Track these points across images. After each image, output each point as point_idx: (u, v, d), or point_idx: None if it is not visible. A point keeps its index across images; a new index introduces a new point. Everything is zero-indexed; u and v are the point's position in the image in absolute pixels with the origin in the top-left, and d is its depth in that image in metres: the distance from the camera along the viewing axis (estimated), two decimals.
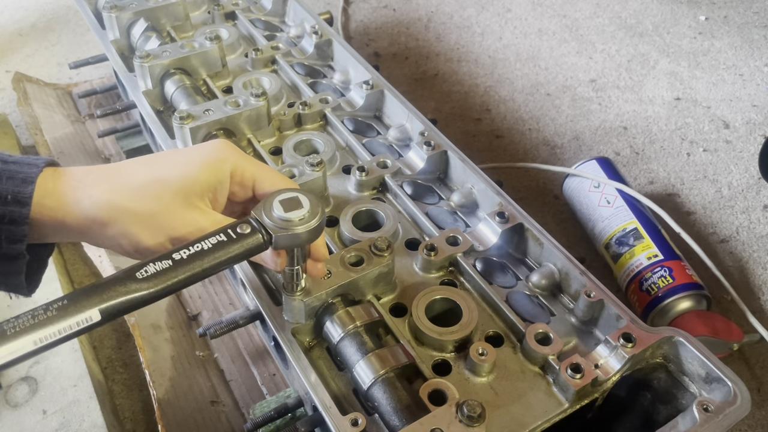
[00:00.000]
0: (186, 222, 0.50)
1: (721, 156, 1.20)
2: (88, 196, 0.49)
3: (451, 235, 0.71)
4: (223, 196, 0.54)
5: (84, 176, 0.50)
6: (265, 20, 1.11)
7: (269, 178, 0.55)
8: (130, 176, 0.51)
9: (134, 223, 0.49)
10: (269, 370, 0.82)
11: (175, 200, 0.50)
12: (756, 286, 0.98)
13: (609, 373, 0.58)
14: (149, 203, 0.49)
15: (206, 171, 0.52)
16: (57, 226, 0.49)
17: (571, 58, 1.43)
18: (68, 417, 0.74)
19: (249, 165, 0.54)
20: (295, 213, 0.51)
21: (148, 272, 0.45)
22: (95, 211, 0.48)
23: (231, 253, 0.48)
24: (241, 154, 0.55)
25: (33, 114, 1.14)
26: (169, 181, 0.50)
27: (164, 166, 0.52)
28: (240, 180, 0.54)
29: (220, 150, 0.54)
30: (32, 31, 1.51)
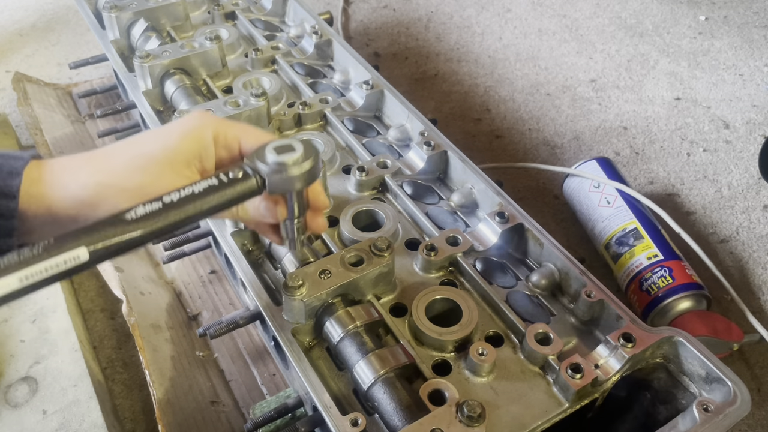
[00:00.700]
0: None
1: (721, 156, 1.20)
2: (74, 180, 0.49)
3: (451, 235, 0.71)
4: (210, 163, 0.53)
5: (68, 162, 0.50)
6: (265, 20, 1.11)
7: (253, 134, 0.55)
8: (114, 156, 0.51)
9: (124, 199, 0.48)
10: (269, 370, 0.82)
11: (163, 171, 0.50)
12: (756, 286, 0.98)
13: (609, 373, 0.58)
14: (136, 177, 0.49)
15: (187, 140, 0.52)
16: (46, 215, 0.48)
17: (571, 58, 1.43)
18: (68, 417, 0.74)
19: (231, 127, 0.54)
20: (288, 155, 0.50)
21: (137, 214, 0.45)
22: (83, 193, 0.48)
23: (223, 197, 0.48)
24: (221, 120, 0.55)
25: (33, 114, 1.14)
26: (152, 153, 0.51)
27: (146, 141, 0.52)
28: (224, 143, 0.54)
29: (198, 118, 0.54)
30: (32, 31, 1.51)
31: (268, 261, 0.74)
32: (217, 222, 0.73)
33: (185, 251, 0.83)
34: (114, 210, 0.47)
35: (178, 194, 0.46)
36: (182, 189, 0.47)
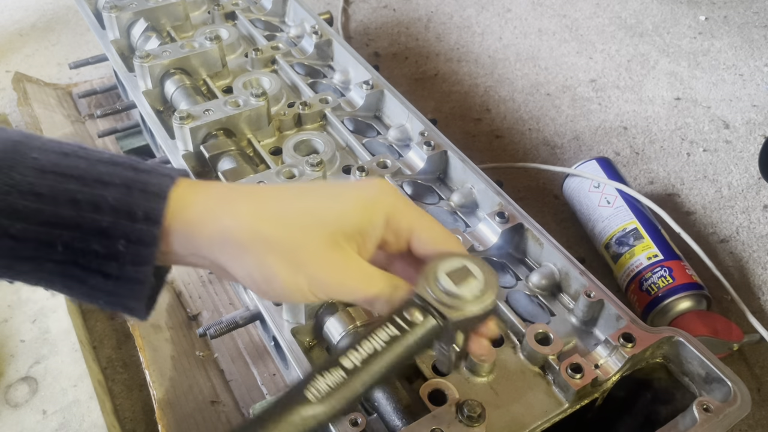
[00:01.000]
0: (328, 263, 0.43)
1: (721, 156, 1.20)
2: (230, 213, 0.42)
3: None
4: (372, 243, 0.46)
5: (227, 192, 0.44)
6: (265, 20, 1.11)
7: (428, 230, 0.47)
8: (278, 202, 0.44)
9: (274, 254, 0.42)
10: (269, 370, 0.82)
11: (322, 236, 0.43)
12: (756, 286, 0.98)
13: (609, 373, 0.58)
14: (294, 234, 0.43)
15: (360, 211, 0.45)
16: (186, 244, 0.42)
17: (571, 58, 1.43)
18: (68, 417, 0.74)
19: (407, 214, 0.46)
20: (468, 287, 0.43)
21: (321, 391, 0.38)
22: (235, 232, 0.42)
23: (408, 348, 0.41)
24: (401, 198, 0.47)
25: (33, 114, 1.14)
26: (318, 214, 0.44)
27: (315, 197, 0.45)
28: (395, 228, 0.46)
29: (379, 190, 0.46)
30: (32, 31, 1.51)
31: None
32: None
33: None
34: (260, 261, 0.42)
35: (359, 356, 0.40)
36: (360, 348, 0.40)
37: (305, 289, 0.43)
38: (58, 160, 0.40)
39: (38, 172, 0.39)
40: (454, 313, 0.42)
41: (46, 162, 0.39)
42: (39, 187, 0.38)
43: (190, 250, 0.42)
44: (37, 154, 0.39)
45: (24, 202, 0.38)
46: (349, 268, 0.44)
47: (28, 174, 0.38)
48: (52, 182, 0.39)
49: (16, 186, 0.38)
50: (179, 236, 0.42)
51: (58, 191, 0.39)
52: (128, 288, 0.41)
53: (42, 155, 0.39)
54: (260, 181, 0.72)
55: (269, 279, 0.42)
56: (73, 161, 0.40)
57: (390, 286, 0.45)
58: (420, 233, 0.46)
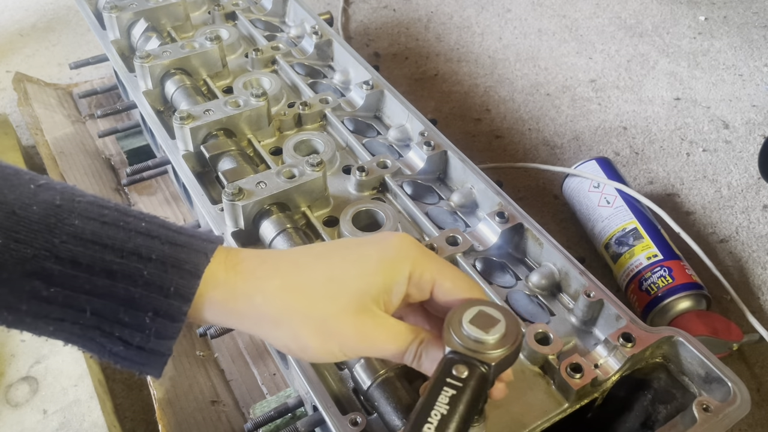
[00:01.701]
0: (356, 329, 0.45)
1: (720, 156, 1.20)
2: (261, 292, 0.44)
3: (450, 235, 0.71)
4: (397, 299, 0.48)
5: (256, 267, 0.46)
6: (265, 20, 1.11)
7: (451, 279, 0.48)
8: (305, 273, 0.46)
9: (305, 327, 0.45)
10: (269, 369, 0.83)
11: (350, 303, 0.45)
12: (755, 285, 0.98)
13: (609, 373, 0.58)
14: (323, 306, 0.45)
15: (384, 272, 0.46)
16: (218, 316, 0.44)
17: (570, 58, 1.44)
18: (69, 417, 0.74)
19: (428, 267, 0.48)
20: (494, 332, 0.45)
21: None
22: (267, 310, 0.44)
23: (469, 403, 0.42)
24: (422, 251, 0.48)
25: (33, 114, 1.14)
26: (345, 281, 0.46)
27: (340, 263, 0.47)
28: (418, 282, 0.48)
29: (400, 249, 0.48)
30: (33, 31, 1.51)
31: None
32: (218, 221, 0.73)
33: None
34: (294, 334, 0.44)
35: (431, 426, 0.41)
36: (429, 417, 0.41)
37: (337, 353, 0.45)
38: (97, 228, 0.40)
39: (77, 240, 0.40)
40: (490, 357, 0.44)
41: (86, 230, 0.40)
42: (77, 255, 0.39)
43: (219, 322, 0.45)
44: (77, 221, 0.40)
45: (60, 267, 0.39)
46: (377, 329, 0.46)
47: (67, 241, 0.39)
48: (91, 251, 0.40)
49: (53, 251, 0.39)
50: (210, 312, 0.44)
51: (95, 260, 0.40)
52: (148, 358, 0.43)
53: (82, 222, 0.40)
54: (260, 182, 0.72)
55: (304, 348, 0.45)
56: (112, 231, 0.41)
57: (415, 338, 0.47)
58: (443, 283, 0.48)
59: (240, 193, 0.70)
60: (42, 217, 0.39)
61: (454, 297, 0.48)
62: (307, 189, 0.74)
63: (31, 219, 0.39)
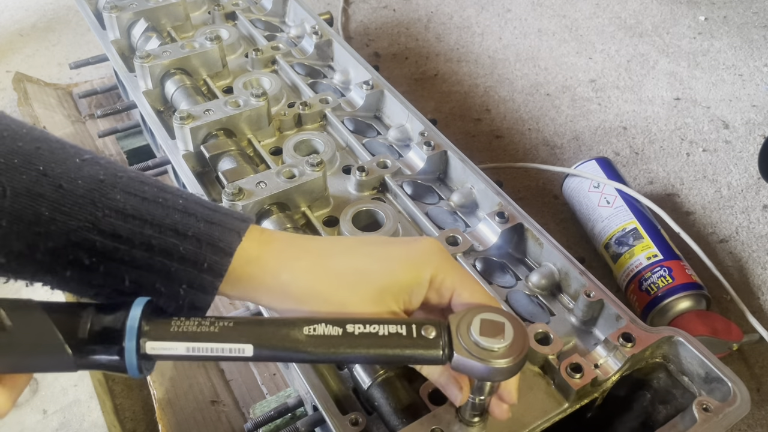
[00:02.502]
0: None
1: (720, 156, 1.20)
2: (289, 270, 0.46)
3: (450, 235, 0.71)
4: (417, 300, 0.49)
5: (286, 247, 0.48)
6: (265, 20, 1.11)
7: (470, 290, 0.49)
8: (332, 260, 0.48)
9: (325, 308, 0.46)
10: (269, 369, 0.83)
11: (370, 295, 0.47)
12: (755, 285, 0.98)
13: (609, 373, 0.58)
14: (345, 293, 0.47)
15: (407, 271, 0.48)
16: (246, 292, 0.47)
17: (570, 58, 1.44)
18: (68, 417, 0.74)
19: (450, 273, 0.49)
20: (496, 342, 0.44)
21: (315, 331, 0.42)
22: (293, 287, 0.46)
23: (401, 352, 0.43)
24: (446, 258, 0.50)
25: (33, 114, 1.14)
26: (368, 273, 0.47)
27: (366, 256, 0.49)
28: (438, 287, 0.49)
29: (426, 252, 0.49)
30: (33, 31, 1.51)
31: None
32: None
33: None
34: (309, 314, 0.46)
35: (362, 328, 0.43)
36: (369, 324, 0.43)
37: None
38: (137, 204, 0.43)
39: (119, 214, 0.42)
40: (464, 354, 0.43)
41: (127, 205, 0.42)
42: (119, 228, 0.41)
43: (248, 296, 0.47)
44: (119, 196, 0.42)
45: (102, 239, 0.41)
46: None
47: (109, 214, 0.41)
48: (132, 226, 0.42)
49: (96, 224, 0.41)
50: (240, 286, 0.46)
51: (135, 234, 0.42)
52: None
53: (124, 197, 0.42)
54: (260, 182, 0.72)
55: None
56: (152, 207, 0.43)
57: None
58: (462, 292, 0.49)
59: (240, 193, 0.70)
60: (86, 192, 0.41)
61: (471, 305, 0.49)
62: (307, 189, 0.74)
63: (76, 193, 0.40)
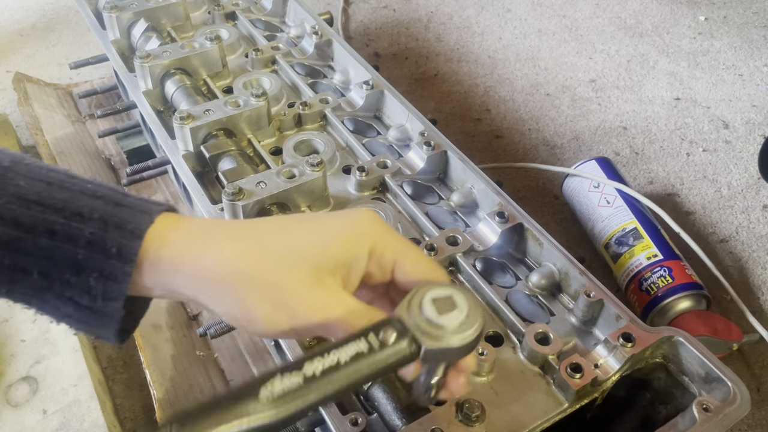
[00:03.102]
0: (311, 302, 0.42)
1: (720, 156, 1.20)
2: (211, 252, 0.42)
3: (450, 235, 0.71)
4: (356, 276, 0.45)
5: (209, 228, 0.44)
6: (265, 20, 1.11)
7: (412, 260, 0.46)
8: (261, 238, 0.44)
9: (254, 293, 0.42)
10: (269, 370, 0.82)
11: (305, 273, 0.42)
12: (755, 285, 0.98)
13: (609, 373, 0.58)
14: (276, 272, 0.42)
15: (343, 243, 0.44)
16: (166, 280, 0.42)
17: (570, 58, 1.44)
18: (68, 417, 0.74)
19: (391, 244, 0.45)
20: (450, 318, 0.41)
21: (274, 392, 0.37)
22: (216, 271, 0.41)
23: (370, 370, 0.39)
24: (385, 229, 0.46)
25: (33, 114, 1.14)
26: (300, 249, 0.43)
27: (298, 231, 0.45)
28: (378, 260, 0.45)
29: (363, 222, 0.45)
30: (33, 31, 1.51)
31: None
32: None
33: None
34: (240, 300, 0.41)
35: (321, 365, 0.38)
36: (326, 354, 0.39)
37: (285, 326, 0.42)
38: (41, 189, 0.40)
39: (21, 200, 0.40)
40: (430, 342, 0.40)
41: (30, 191, 0.40)
42: (21, 216, 0.39)
43: (168, 288, 0.42)
44: (23, 182, 0.40)
45: (4, 228, 0.39)
46: (332, 303, 0.43)
47: (11, 201, 0.39)
48: (34, 212, 0.40)
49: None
50: (157, 275, 0.41)
51: (37, 221, 0.39)
52: (98, 320, 0.42)
53: (27, 183, 0.40)
54: (260, 182, 0.72)
55: (249, 317, 0.42)
56: (56, 192, 0.41)
57: (372, 318, 0.43)
58: (404, 264, 0.46)
59: (240, 193, 0.70)
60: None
61: (415, 278, 0.45)
62: (307, 189, 0.74)
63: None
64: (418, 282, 0.45)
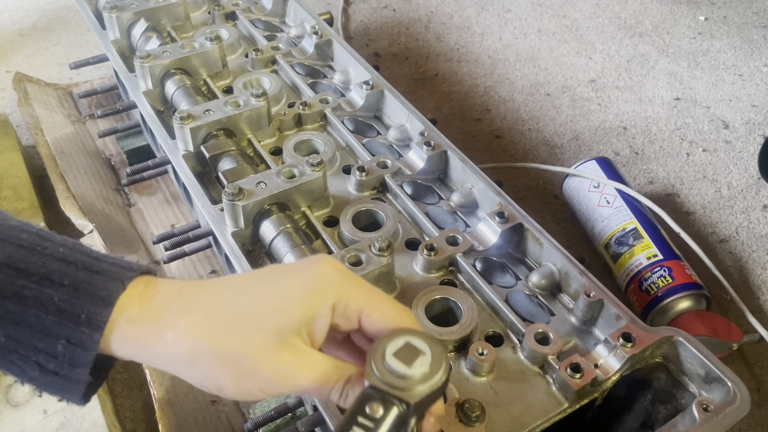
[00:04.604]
0: (277, 367, 0.42)
1: (720, 156, 1.20)
2: (172, 329, 0.42)
3: (450, 235, 0.71)
4: (322, 331, 0.44)
5: (171, 301, 0.43)
6: (265, 20, 1.11)
7: (379, 309, 0.45)
8: (223, 308, 0.43)
9: (219, 367, 0.42)
10: None
11: (268, 341, 0.42)
12: (755, 285, 0.98)
13: (609, 373, 0.58)
14: (238, 344, 0.42)
15: (305, 305, 0.43)
16: (133, 353, 0.42)
17: (570, 58, 1.44)
18: (69, 417, 0.74)
19: (354, 296, 0.45)
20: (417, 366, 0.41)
21: None
22: (178, 348, 0.42)
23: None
24: (347, 279, 0.45)
25: (33, 114, 1.14)
26: (262, 317, 0.43)
27: (259, 298, 0.44)
28: (343, 312, 0.45)
29: (323, 277, 0.45)
30: (33, 31, 1.51)
31: (269, 261, 0.75)
32: (218, 221, 0.73)
33: (186, 251, 0.82)
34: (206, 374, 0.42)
35: None
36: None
37: (256, 392, 0.43)
38: (12, 252, 0.40)
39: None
40: (411, 395, 0.40)
41: (0, 254, 0.40)
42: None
43: (138, 358, 0.43)
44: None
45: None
46: (298, 366, 0.43)
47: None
48: (3, 275, 0.40)
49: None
50: (125, 346, 0.42)
51: (6, 284, 0.39)
52: (64, 384, 0.42)
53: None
54: (260, 182, 0.72)
55: (219, 388, 0.43)
56: (27, 255, 0.41)
57: (342, 375, 0.44)
58: (370, 313, 0.45)
59: (240, 193, 0.70)
60: None
61: (384, 326, 0.45)
62: (307, 189, 0.74)
63: None
64: (387, 329, 0.44)
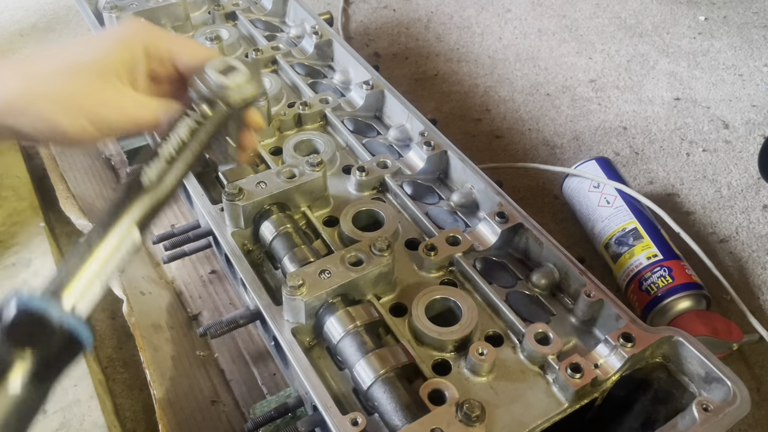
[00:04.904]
0: (105, 101, 0.49)
1: (720, 156, 1.20)
2: (0, 82, 0.47)
3: (451, 235, 0.71)
4: (141, 76, 0.53)
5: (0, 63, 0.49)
6: (265, 20, 1.11)
7: (187, 49, 0.54)
8: (44, 62, 0.49)
9: (51, 105, 0.47)
10: (269, 369, 0.83)
11: (91, 80, 0.49)
12: (755, 285, 0.98)
13: (608, 373, 0.58)
14: (64, 84, 0.48)
15: (117, 49, 0.51)
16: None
17: (570, 58, 1.44)
18: (69, 416, 0.74)
19: (163, 40, 0.53)
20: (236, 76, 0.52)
21: (151, 178, 0.47)
22: (9, 97, 0.47)
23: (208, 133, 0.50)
24: (155, 30, 0.54)
25: None
26: (80, 62, 0.49)
27: (76, 49, 0.51)
28: (156, 56, 0.53)
29: (129, 27, 0.53)
30: (33, 31, 1.51)
31: (269, 261, 0.75)
32: (218, 221, 0.73)
33: (186, 251, 0.83)
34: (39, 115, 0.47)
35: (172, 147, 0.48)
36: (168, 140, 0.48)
37: (90, 130, 0.48)
38: None
39: None
40: (231, 99, 0.51)
41: None
42: None
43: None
44: None
45: None
46: (126, 100, 0.50)
47: None
48: None
49: None
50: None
51: None
52: None
53: None
54: (260, 182, 0.72)
55: (54, 129, 0.48)
56: None
57: (165, 107, 0.52)
58: (180, 53, 0.53)
59: (240, 193, 0.70)
60: None
61: (195, 62, 0.53)
62: (307, 189, 0.74)
63: None
64: (199, 64, 0.53)
